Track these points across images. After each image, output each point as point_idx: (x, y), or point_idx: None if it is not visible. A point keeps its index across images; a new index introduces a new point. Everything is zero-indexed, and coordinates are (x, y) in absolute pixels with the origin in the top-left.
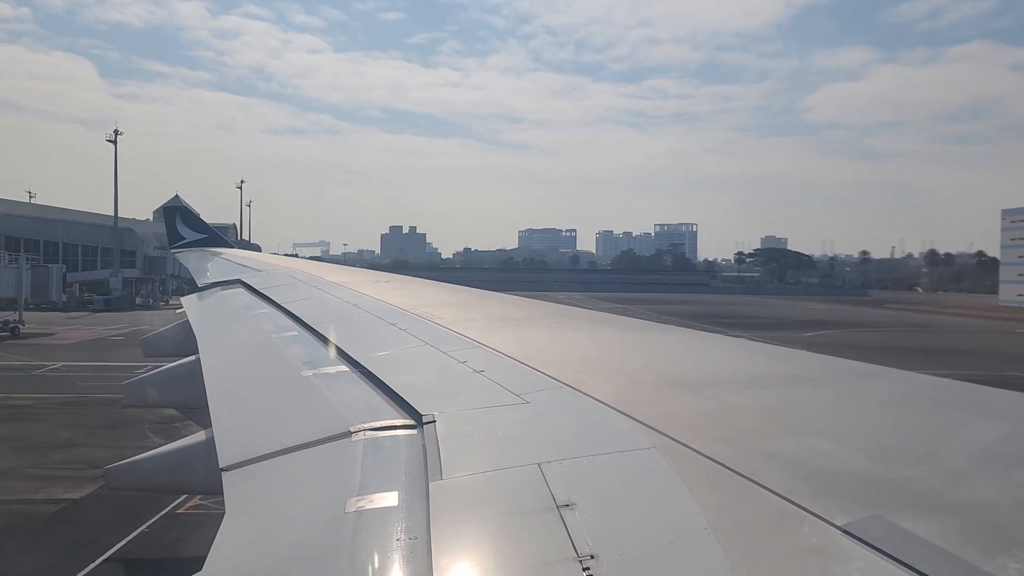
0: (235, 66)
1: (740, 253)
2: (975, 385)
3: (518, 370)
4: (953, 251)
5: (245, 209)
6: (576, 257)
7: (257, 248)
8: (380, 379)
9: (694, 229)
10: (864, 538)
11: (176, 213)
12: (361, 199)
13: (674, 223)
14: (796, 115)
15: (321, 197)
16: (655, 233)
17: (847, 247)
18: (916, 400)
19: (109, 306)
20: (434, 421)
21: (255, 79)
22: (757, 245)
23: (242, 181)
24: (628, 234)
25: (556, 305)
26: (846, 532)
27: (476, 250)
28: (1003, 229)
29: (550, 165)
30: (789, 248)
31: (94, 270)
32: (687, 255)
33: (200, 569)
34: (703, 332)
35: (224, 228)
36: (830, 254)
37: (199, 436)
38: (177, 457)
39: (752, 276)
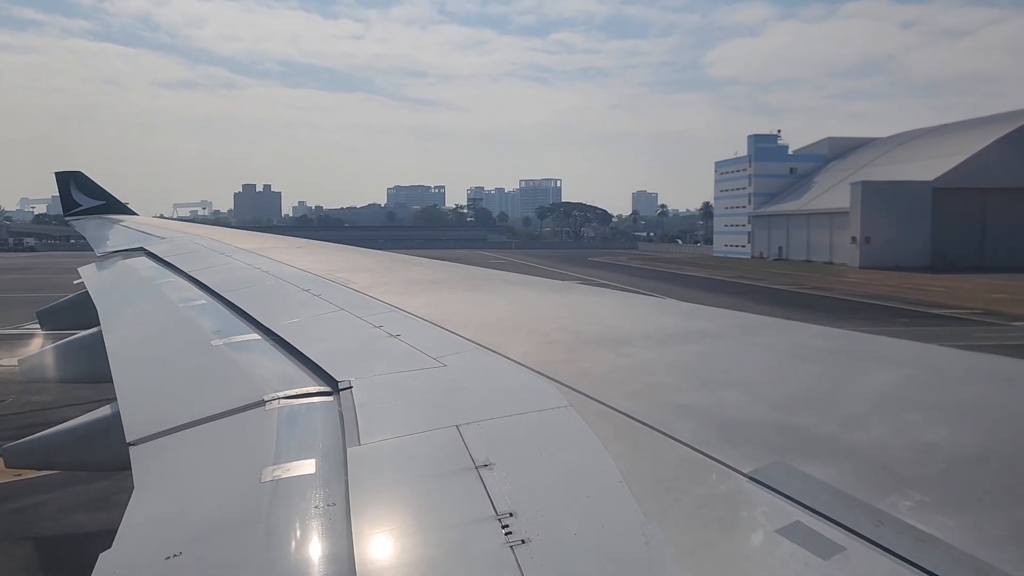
0: (117, 14)
1: (541, 207)
2: (870, 335)
3: (435, 333)
4: None
5: None
6: (392, 214)
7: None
8: (294, 346)
9: (557, 184)
10: (768, 483)
11: (70, 179)
12: (250, 156)
13: (539, 179)
14: (699, 71)
15: (210, 154)
16: (520, 189)
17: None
18: (815, 351)
19: None
20: (351, 387)
21: (141, 28)
22: (629, 198)
23: None
24: (500, 190)
25: (474, 268)
26: (752, 479)
27: (342, 208)
28: (715, 181)
29: (455, 120)
30: (659, 202)
31: None
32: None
33: (109, 547)
34: (618, 291)
35: None
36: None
37: (104, 411)
38: (81, 433)
39: (549, 231)
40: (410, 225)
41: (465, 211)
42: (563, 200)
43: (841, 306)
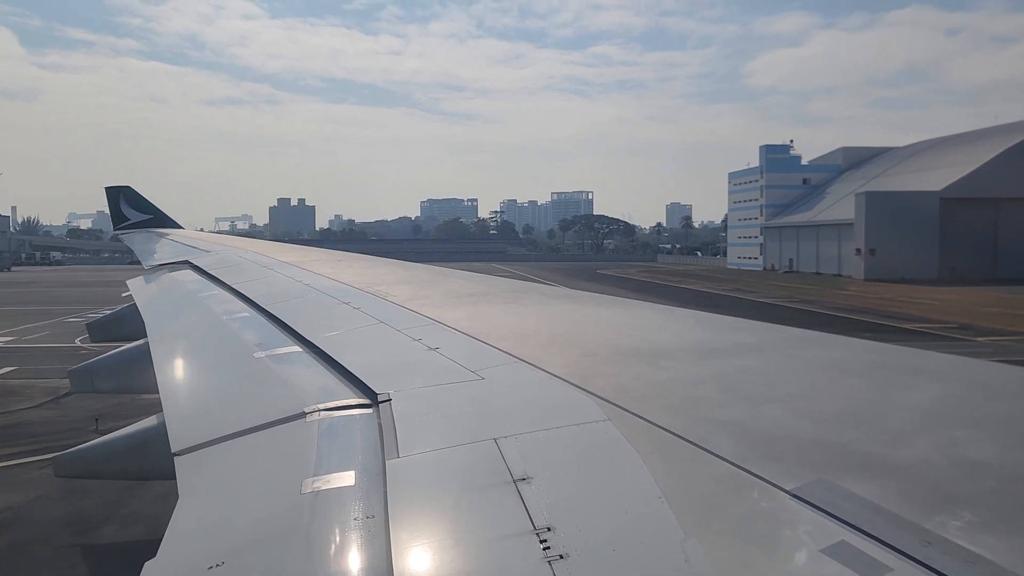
0: (165, 33)
1: (564, 220)
2: (914, 349)
3: (473, 346)
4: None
5: None
6: (418, 227)
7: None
8: (334, 359)
9: (589, 197)
10: (811, 501)
11: (119, 194)
12: (290, 170)
13: (571, 191)
14: (738, 81)
15: (252, 168)
16: (552, 201)
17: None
18: (858, 365)
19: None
20: (390, 399)
21: (187, 47)
22: (662, 211)
23: None
24: (533, 202)
25: (512, 281)
26: (794, 496)
27: (374, 221)
28: (729, 192)
29: (492, 134)
30: (691, 215)
31: None
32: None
33: (154, 555)
34: (655, 304)
35: None
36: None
37: (150, 421)
38: (127, 443)
39: (571, 244)
40: (432, 238)
41: (491, 223)
42: (594, 212)
43: (809, 319)
